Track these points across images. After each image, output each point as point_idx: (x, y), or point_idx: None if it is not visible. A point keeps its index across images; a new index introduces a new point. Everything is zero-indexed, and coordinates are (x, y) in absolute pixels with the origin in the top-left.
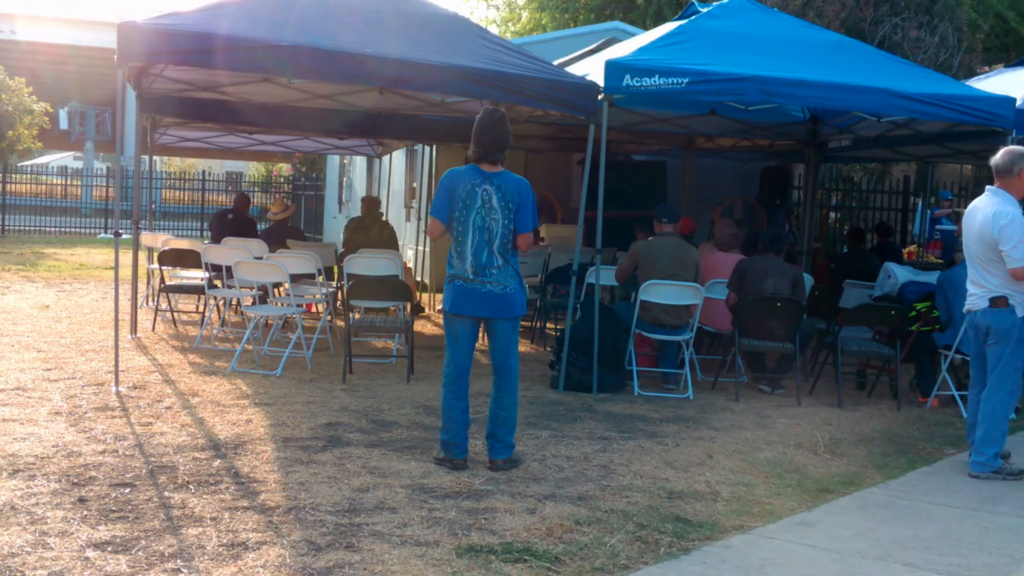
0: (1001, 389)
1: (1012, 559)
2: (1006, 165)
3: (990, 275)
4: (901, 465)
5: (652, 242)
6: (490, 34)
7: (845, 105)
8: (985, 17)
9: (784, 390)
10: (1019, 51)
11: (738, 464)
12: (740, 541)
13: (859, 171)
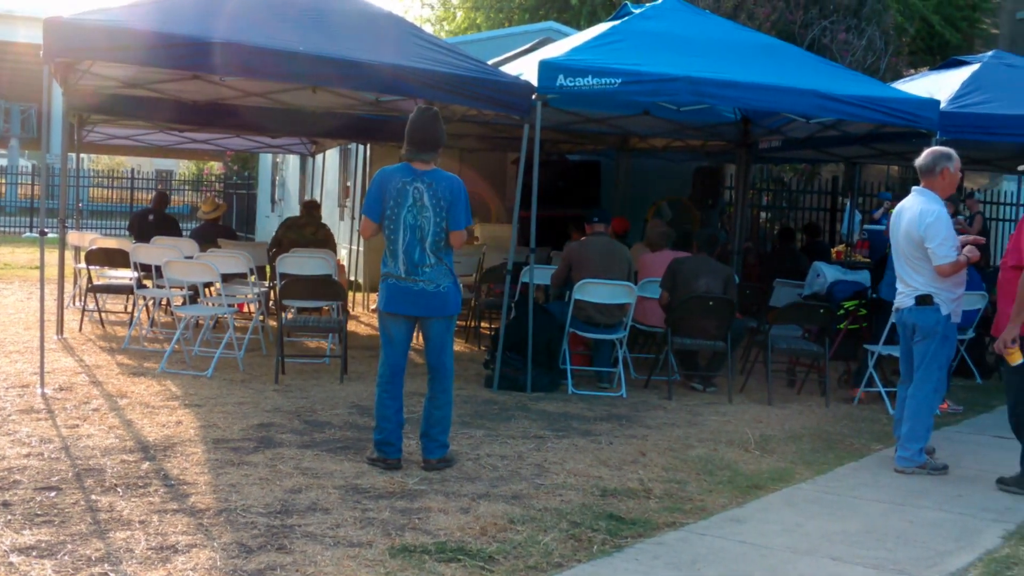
0: (926, 386)
1: (936, 552)
2: (929, 165)
3: (916, 274)
4: (829, 461)
5: (585, 242)
6: (424, 33)
7: (775, 106)
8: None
9: (716, 388)
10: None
11: (671, 461)
12: (672, 538)
13: (789, 172)
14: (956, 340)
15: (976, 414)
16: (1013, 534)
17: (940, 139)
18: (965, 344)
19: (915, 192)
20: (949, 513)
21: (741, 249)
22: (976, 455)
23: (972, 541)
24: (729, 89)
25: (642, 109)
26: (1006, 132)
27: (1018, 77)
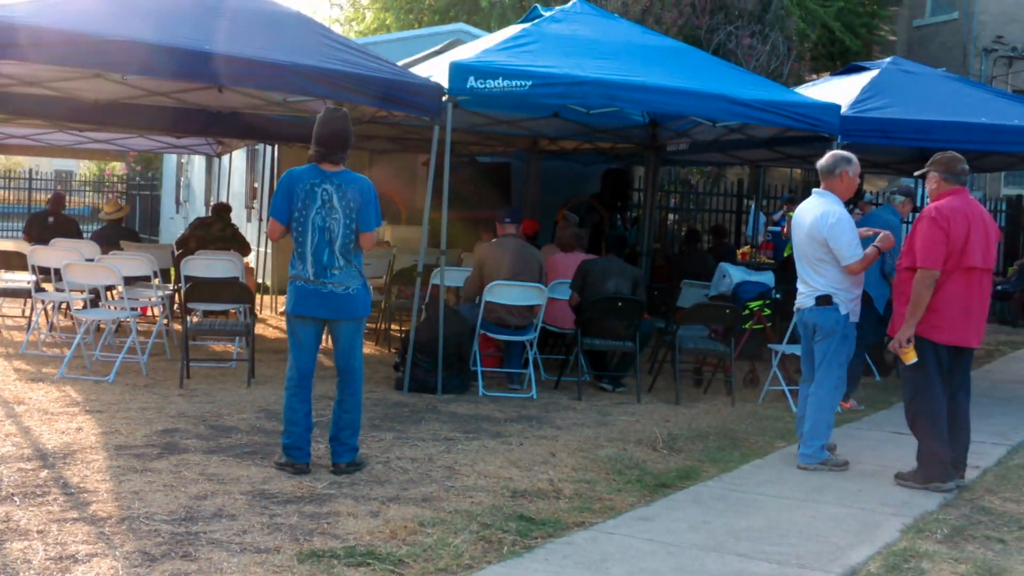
0: (827, 384)
1: (837, 547)
2: (829, 167)
3: (817, 275)
4: (735, 459)
5: (495, 244)
6: (333, 33)
7: (682, 110)
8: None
9: (625, 388)
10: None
11: (580, 462)
12: (582, 537)
13: (696, 174)
14: (855, 339)
15: (875, 411)
16: (911, 527)
17: (841, 143)
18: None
19: (816, 194)
20: (850, 508)
21: (649, 250)
22: (875, 451)
23: (872, 535)
24: (638, 92)
25: (552, 111)
26: (904, 136)
27: (915, 83)
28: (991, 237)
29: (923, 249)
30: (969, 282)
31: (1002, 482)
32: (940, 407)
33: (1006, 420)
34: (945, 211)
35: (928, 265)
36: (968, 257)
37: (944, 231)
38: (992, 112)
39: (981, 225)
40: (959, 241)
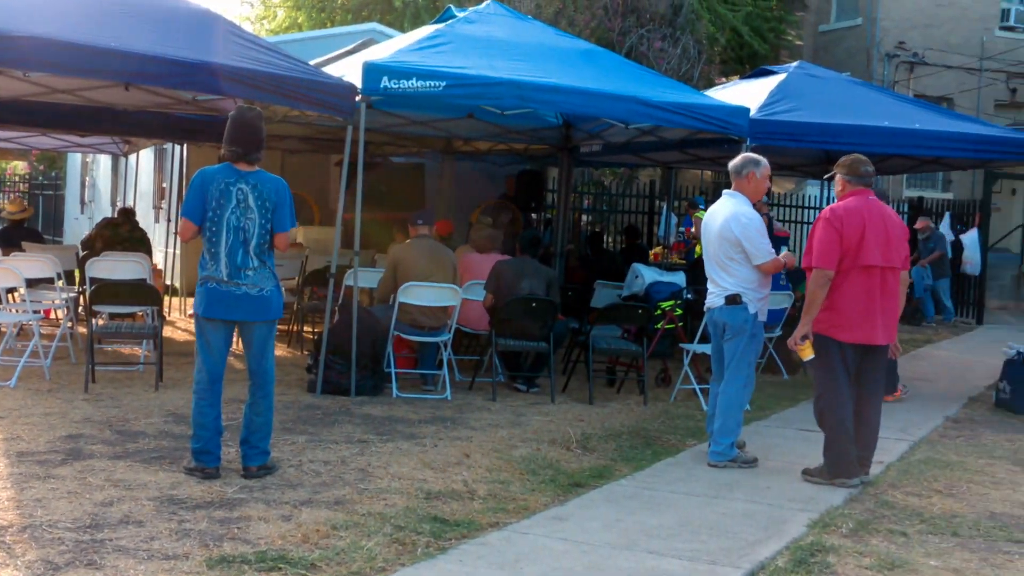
0: (735, 382)
1: (747, 542)
2: (737, 168)
3: (727, 275)
4: (647, 457)
5: (409, 245)
6: (244, 31)
7: (595, 112)
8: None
9: (539, 388)
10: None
11: (494, 462)
12: (496, 538)
13: (609, 175)
14: (763, 338)
15: (783, 408)
16: (817, 522)
17: (750, 145)
18: (773, 342)
19: (726, 195)
20: (759, 504)
21: (563, 251)
22: (783, 448)
23: (780, 530)
24: (551, 94)
25: (466, 112)
26: (810, 139)
27: (821, 87)
28: (892, 236)
29: (818, 249)
30: (869, 280)
31: (904, 477)
32: (846, 404)
33: (908, 416)
34: (839, 212)
35: (821, 265)
36: (864, 256)
37: (838, 232)
38: (894, 116)
39: (880, 225)
40: (853, 241)
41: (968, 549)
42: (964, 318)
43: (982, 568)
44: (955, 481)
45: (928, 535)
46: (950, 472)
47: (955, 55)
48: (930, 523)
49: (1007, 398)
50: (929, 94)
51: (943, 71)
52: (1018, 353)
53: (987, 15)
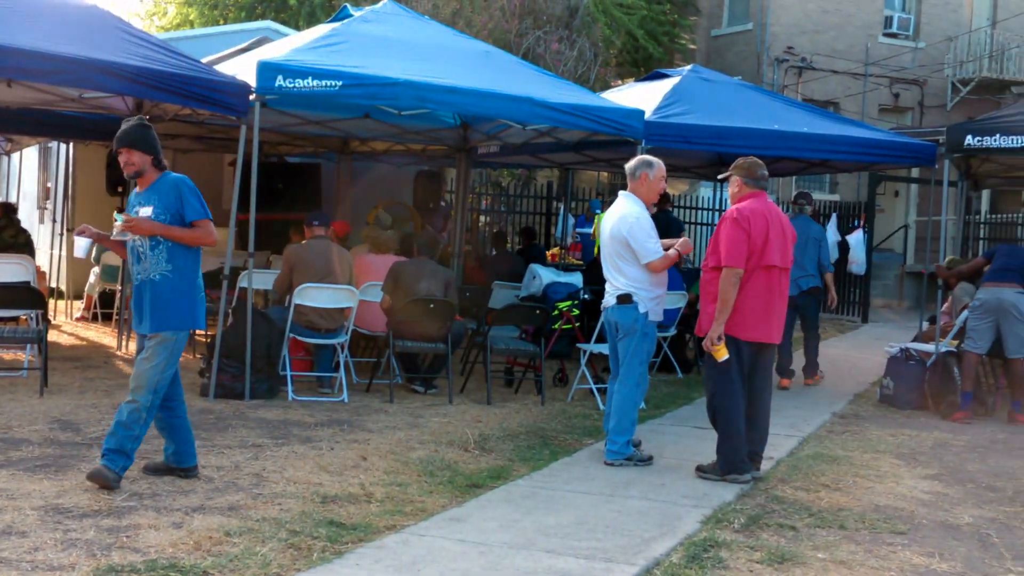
0: (629, 380)
1: (642, 539)
2: (631, 170)
3: (619, 274)
4: (545, 457)
5: (305, 246)
6: (133, 28)
7: (493, 113)
8: (618, 34)
9: (437, 389)
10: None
11: (392, 465)
12: (393, 540)
13: (507, 176)
14: (656, 336)
15: (678, 407)
16: (710, 518)
17: (645, 147)
18: (668, 341)
19: (621, 196)
20: (654, 502)
21: (461, 252)
22: (677, 446)
23: (674, 527)
24: (449, 94)
25: (363, 112)
26: (703, 141)
27: (714, 90)
28: (787, 237)
29: (727, 249)
30: (770, 280)
31: (794, 472)
32: (738, 402)
33: (797, 413)
34: (746, 212)
35: (732, 264)
36: (768, 256)
37: (746, 231)
38: (784, 119)
39: (779, 226)
40: (759, 241)
41: (854, 541)
42: (850, 316)
43: (867, 559)
44: (842, 475)
45: (816, 528)
46: (837, 467)
47: (841, 60)
48: (818, 517)
49: (890, 394)
50: (817, 98)
51: (830, 76)
52: (901, 350)
53: (871, 22)
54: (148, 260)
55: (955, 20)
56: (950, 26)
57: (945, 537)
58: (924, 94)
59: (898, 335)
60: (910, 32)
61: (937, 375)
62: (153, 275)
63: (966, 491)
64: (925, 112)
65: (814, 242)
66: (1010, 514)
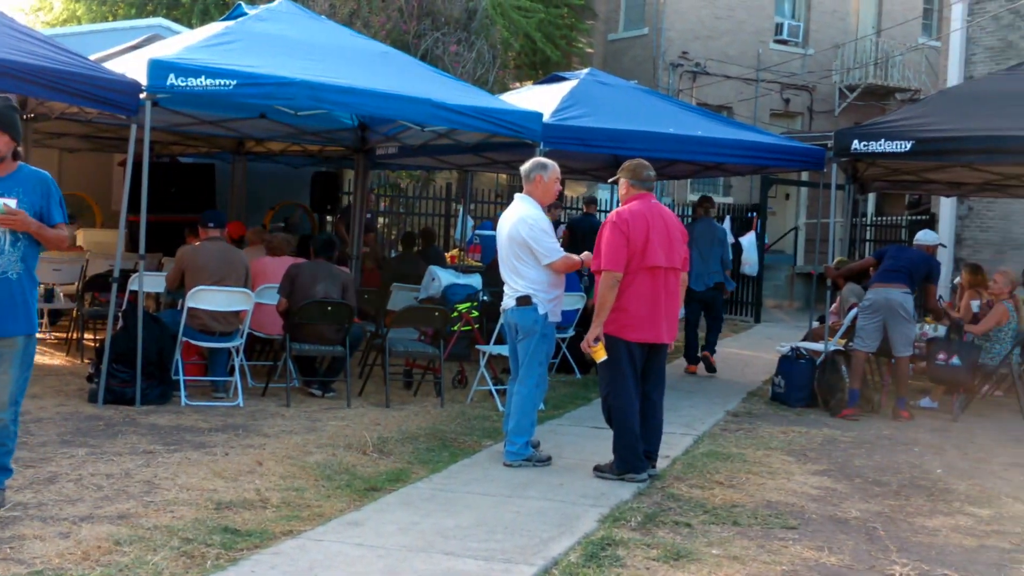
0: (528, 381)
1: (541, 539)
2: (526, 172)
3: (518, 276)
4: (444, 459)
5: (199, 247)
6: (17, 23)
7: (391, 114)
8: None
9: (335, 393)
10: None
11: (288, 469)
12: (290, 546)
13: (406, 178)
14: (555, 338)
15: (576, 407)
16: (607, 517)
17: (543, 149)
18: (566, 342)
19: (517, 198)
20: (552, 502)
21: (359, 254)
22: (576, 446)
23: (572, 526)
24: (346, 95)
25: (259, 112)
26: (600, 144)
27: (610, 94)
28: (675, 238)
29: (605, 252)
30: (654, 281)
31: (689, 470)
32: (633, 403)
33: (693, 411)
34: (624, 215)
35: (610, 267)
36: (650, 257)
37: (624, 235)
38: (679, 123)
39: (662, 227)
40: (639, 243)
41: (747, 537)
42: (743, 317)
43: (760, 554)
44: (735, 472)
45: (711, 525)
46: (731, 464)
47: (734, 66)
48: (712, 514)
49: (781, 392)
50: (710, 102)
51: (723, 81)
52: (791, 349)
53: (762, 29)
54: (5, 255)
55: (842, 28)
56: (837, 34)
57: (834, 531)
58: (813, 99)
59: (789, 334)
60: (800, 39)
61: (826, 373)
62: (10, 272)
63: (853, 486)
64: (814, 117)
65: (718, 242)
66: (895, 507)
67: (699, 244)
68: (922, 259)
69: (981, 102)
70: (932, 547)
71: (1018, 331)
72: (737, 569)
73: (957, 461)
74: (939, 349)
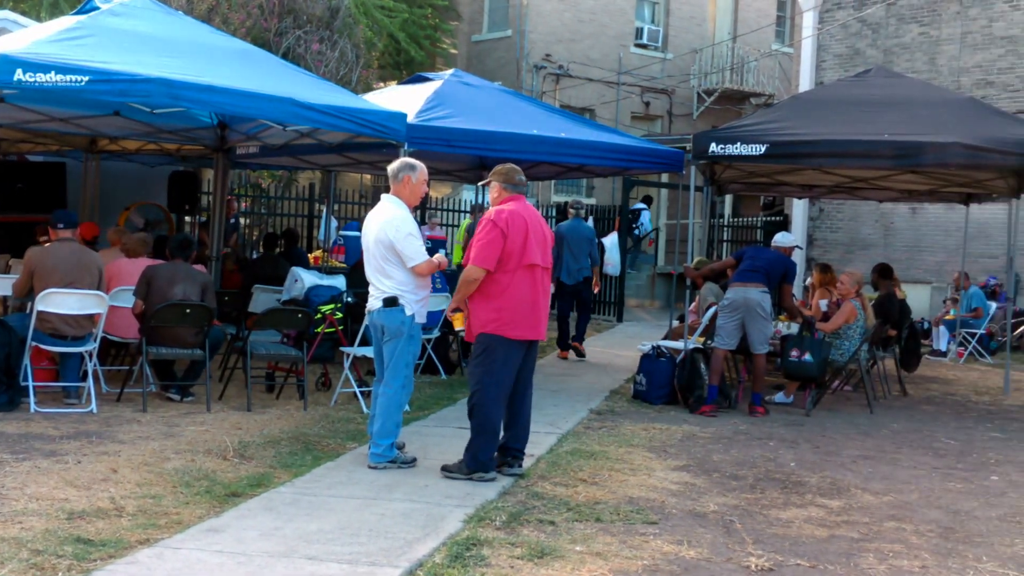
0: (394, 383)
1: (406, 541)
2: (394, 173)
3: (385, 277)
4: (307, 463)
5: (49, 248)
6: None
7: (251, 113)
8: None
9: (194, 397)
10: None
11: (145, 476)
12: (146, 555)
13: (267, 178)
14: (421, 339)
15: (441, 408)
16: (472, 517)
17: (408, 150)
18: (432, 343)
19: (384, 199)
20: (417, 503)
21: (219, 255)
22: (441, 447)
23: (437, 527)
24: (206, 93)
25: (113, 109)
26: (466, 145)
27: (475, 95)
28: (547, 239)
29: (479, 248)
30: (533, 279)
31: (553, 468)
32: (501, 403)
33: (557, 410)
34: (504, 215)
35: (480, 263)
36: (528, 255)
37: (503, 234)
38: (543, 125)
39: (538, 228)
40: (518, 242)
41: (609, 533)
42: (606, 316)
43: (622, 550)
44: (598, 470)
45: (574, 522)
46: (594, 461)
47: (596, 69)
48: (576, 511)
49: (643, 390)
50: (573, 105)
51: (586, 83)
52: (652, 348)
53: (623, 33)
54: None
55: (699, 33)
56: (695, 39)
57: (693, 525)
58: (673, 103)
59: (650, 333)
60: (659, 44)
61: (686, 371)
62: None
63: (712, 480)
64: (674, 120)
65: (587, 241)
66: (751, 500)
67: (570, 242)
68: (779, 260)
69: (831, 107)
70: (786, 538)
71: (865, 328)
72: (600, 565)
73: (809, 454)
74: (792, 346)
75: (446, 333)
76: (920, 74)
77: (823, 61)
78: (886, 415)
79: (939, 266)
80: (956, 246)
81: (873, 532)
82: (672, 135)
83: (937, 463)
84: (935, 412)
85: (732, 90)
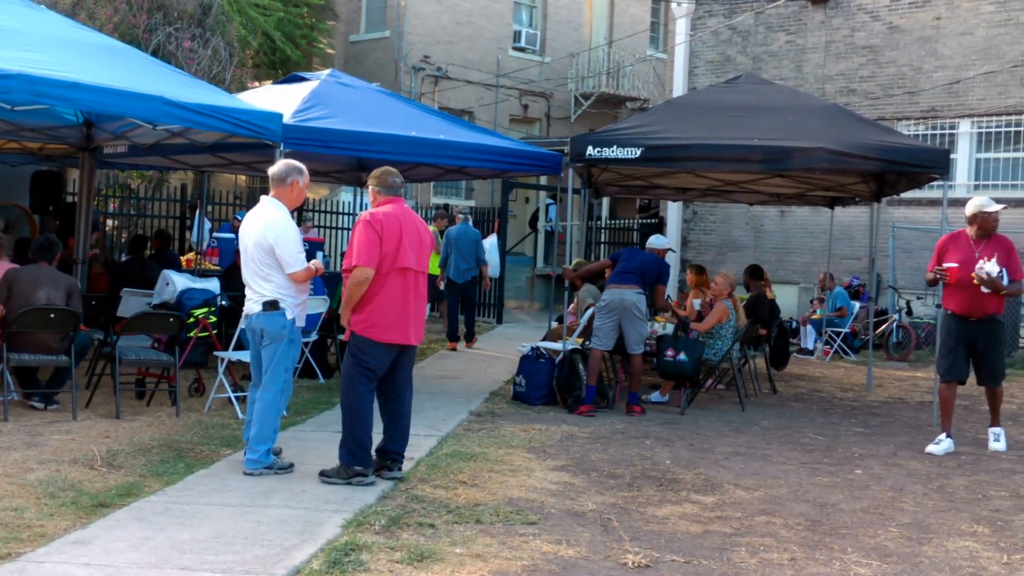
0: (273, 387)
1: (283, 548)
2: (281, 176)
3: (264, 280)
4: (180, 471)
5: None
6: None
7: (119, 111)
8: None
9: (59, 405)
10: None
11: (6, 488)
12: (7, 570)
13: (137, 178)
14: (301, 343)
15: (319, 412)
16: (351, 522)
17: (284, 151)
18: (310, 346)
19: (264, 201)
20: (295, 509)
21: (86, 258)
22: (319, 451)
23: (315, 533)
24: (70, 90)
25: None
26: (343, 146)
27: (353, 96)
28: (424, 242)
29: (359, 249)
30: (405, 283)
31: (433, 471)
32: (370, 404)
33: (436, 413)
34: (379, 216)
35: (362, 263)
36: (401, 258)
37: (378, 235)
38: (421, 127)
39: (414, 230)
40: (392, 243)
41: (489, 534)
42: (486, 318)
43: (501, 551)
44: (478, 472)
45: (454, 524)
46: (474, 463)
47: (475, 71)
48: (456, 513)
49: (522, 391)
50: (452, 107)
51: (464, 86)
52: (532, 349)
53: (501, 35)
54: None
55: (576, 38)
56: (572, 43)
57: (572, 524)
58: (551, 106)
59: (530, 335)
60: (537, 47)
61: (564, 371)
62: None
63: (590, 480)
64: (552, 123)
65: (473, 243)
66: (628, 499)
67: (459, 245)
68: (653, 261)
69: (703, 112)
70: (662, 535)
71: (737, 328)
72: (480, 567)
73: (684, 452)
74: (668, 346)
75: (324, 336)
76: (787, 81)
77: (695, 67)
78: (757, 412)
79: (806, 267)
80: (822, 248)
81: (745, 527)
82: (550, 138)
83: (805, 458)
84: (803, 409)
85: (608, 94)
